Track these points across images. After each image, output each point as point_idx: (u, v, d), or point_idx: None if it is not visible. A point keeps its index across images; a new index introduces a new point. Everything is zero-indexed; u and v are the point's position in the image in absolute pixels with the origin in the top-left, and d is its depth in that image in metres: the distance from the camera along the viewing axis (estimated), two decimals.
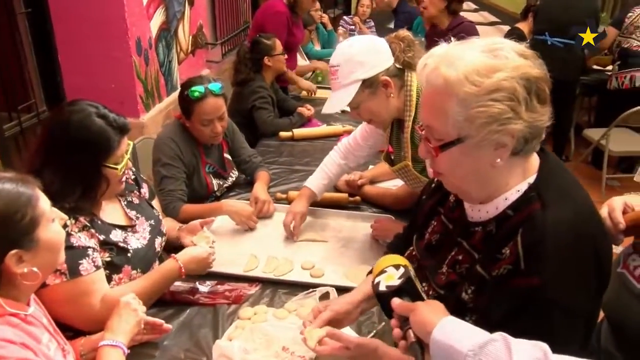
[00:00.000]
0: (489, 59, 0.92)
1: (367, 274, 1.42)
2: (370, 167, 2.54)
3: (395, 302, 0.97)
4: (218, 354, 1.35)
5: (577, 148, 4.76)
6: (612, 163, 4.31)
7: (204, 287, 1.65)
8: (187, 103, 2.08)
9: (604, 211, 1.15)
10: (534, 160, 1.00)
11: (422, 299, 0.98)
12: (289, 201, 2.25)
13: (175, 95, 3.49)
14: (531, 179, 0.98)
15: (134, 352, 1.34)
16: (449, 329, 0.87)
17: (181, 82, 3.58)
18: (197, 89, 2.04)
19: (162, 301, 1.57)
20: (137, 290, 1.41)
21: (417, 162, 1.77)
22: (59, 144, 1.38)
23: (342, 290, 1.58)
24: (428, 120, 0.99)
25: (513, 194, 0.98)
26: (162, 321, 1.42)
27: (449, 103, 0.93)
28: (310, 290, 1.62)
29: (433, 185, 1.24)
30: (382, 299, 1.01)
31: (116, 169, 1.41)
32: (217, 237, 1.87)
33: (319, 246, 1.94)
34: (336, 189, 2.36)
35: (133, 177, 1.69)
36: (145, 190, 1.73)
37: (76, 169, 1.37)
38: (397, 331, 0.97)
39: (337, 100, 1.68)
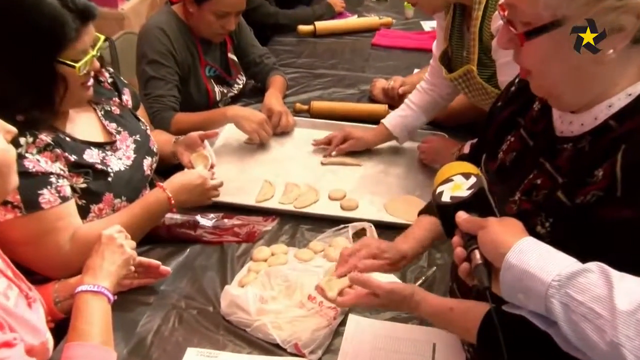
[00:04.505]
0: None
1: (419, 214, 1.39)
2: (416, 70, 2.49)
3: (462, 216, 0.97)
4: (227, 302, 1.35)
5: None
6: None
7: (207, 221, 1.64)
8: None
9: None
10: None
11: (494, 216, 0.98)
12: (311, 114, 2.22)
13: None
14: None
15: (123, 299, 1.34)
16: (529, 253, 0.86)
17: None
18: None
19: (157, 237, 1.57)
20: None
21: (484, 66, 1.68)
22: (0, 32, 1.30)
23: (381, 226, 1.60)
24: None
25: (621, 100, 0.92)
26: (159, 262, 1.41)
27: None
28: (341, 226, 1.61)
29: (512, 88, 1.18)
30: (443, 212, 1.01)
31: (74, 66, 1.34)
32: (221, 159, 1.88)
33: (351, 171, 1.92)
34: (371, 99, 2.35)
35: (110, 80, 1.65)
36: (127, 97, 1.68)
37: (22, 64, 1.30)
38: (459, 250, 0.97)
39: None
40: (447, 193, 1.01)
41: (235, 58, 2.34)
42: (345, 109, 2.23)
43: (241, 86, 2.37)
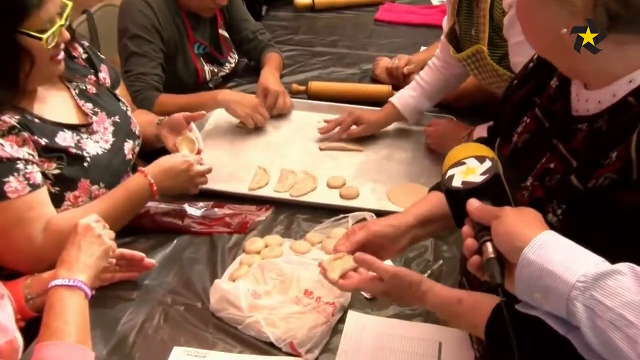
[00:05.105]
0: None
1: (430, 191, 1.38)
2: (422, 48, 2.48)
3: (474, 203, 0.96)
4: (217, 297, 1.34)
5: None
6: None
7: (195, 210, 1.64)
8: None
9: None
10: None
11: (509, 206, 0.97)
12: (309, 95, 2.22)
13: None
14: None
15: (103, 294, 1.34)
16: (550, 248, 0.84)
17: None
18: None
19: (141, 227, 1.57)
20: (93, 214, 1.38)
21: (495, 46, 1.68)
22: None
23: (383, 216, 1.56)
24: None
25: None
26: (143, 254, 1.41)
27: None
28: (341, 216, 1.62)
29: (531, 65, 1.18)
30: (453, 198, 1.00)
31: (40, 38, 1.32)
32: (212, 143, 1.90)
33: (352, 157, 1.92)
34: (374, 79, 2.35)
35: (85, 55, 1.63)
36: (104, 74, 1.67)
37: None
38: (470, 241, 0.96)
39: None
40: (459, 177, 0.99)
41: (226, 34, 2.33)
42: (346, 89, 2.22)
43: (233, 65, 2.36)
